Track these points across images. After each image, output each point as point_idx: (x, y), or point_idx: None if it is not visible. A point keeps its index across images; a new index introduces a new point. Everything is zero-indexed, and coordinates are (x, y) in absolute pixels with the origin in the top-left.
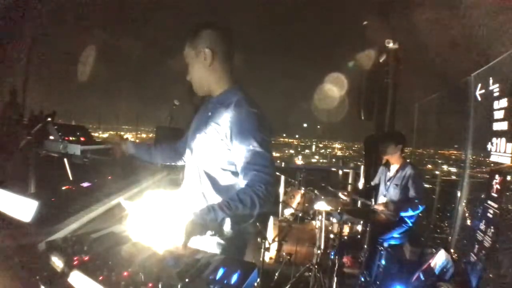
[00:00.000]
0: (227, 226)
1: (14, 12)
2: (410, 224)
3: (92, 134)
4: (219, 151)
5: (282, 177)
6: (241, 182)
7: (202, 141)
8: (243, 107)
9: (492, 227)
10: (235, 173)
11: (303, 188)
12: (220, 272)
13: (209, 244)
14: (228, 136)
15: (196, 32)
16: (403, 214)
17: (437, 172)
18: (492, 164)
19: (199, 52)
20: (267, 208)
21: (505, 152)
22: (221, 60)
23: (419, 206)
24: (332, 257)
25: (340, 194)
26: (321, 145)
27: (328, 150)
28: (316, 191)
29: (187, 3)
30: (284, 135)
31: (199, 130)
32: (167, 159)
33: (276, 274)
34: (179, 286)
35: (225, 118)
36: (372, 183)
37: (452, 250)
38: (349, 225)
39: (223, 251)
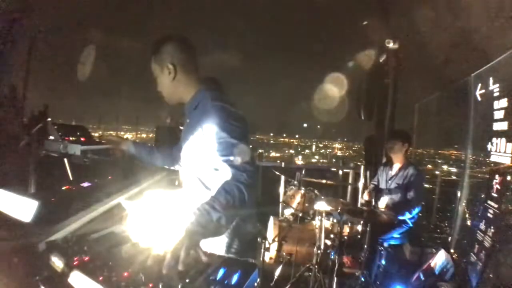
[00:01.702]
0: (226, 224)
1: (13, 12)
2: (410, 224)
3: (92, 134)
4: (202, 153)
5: (282, 177)
6: (222, 175)
7: (189, 147)
8: (207, 104)
9: (492, 227)
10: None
11: (303, 188)
12: (221, 272)
13: (210, 245)
14: (203, 135)
15: (158, 48)
16: (400, 217)
17: (437, 172)
18: (492, 164)
19: (163, 67)
20: (254, 195)
21: (505, 152)
22: (184, 70)
23: (416, 207)
24: (332, 257)
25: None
26: (321, 145)
27: (328, 150)
28: (316, 191)
29: (188, 4)
30: (284, 135)
31: (185, 137)
32: (167, 162)
33: (276, 274)
34: (179, 286)
35: (197, 119)
36: (372, 184)
37: (452, 250)
38: (349, 225)
39: (224, 251)
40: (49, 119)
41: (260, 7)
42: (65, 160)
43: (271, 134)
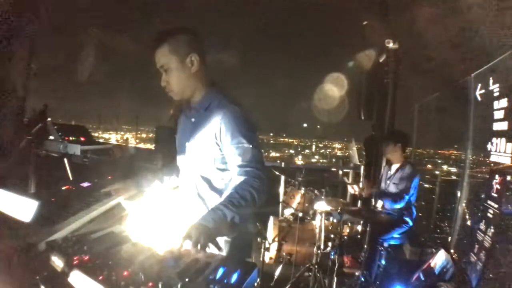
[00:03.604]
0: (239, 223)
1: (13, 12)
2: (410, 224)
3: (92, 134)
4: (210, 153)
5: (282, 177)
6: (236, 179)
7: (192, 146)
8: (226, 108)
9: (492, 227)
10: (228, 171)
11: (303, 188)
12: (220, 272)
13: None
14: (217, 137)
15: (176, 37)
16: (387, 207)
17: (437, 172)
18: (492, 164)
19: (183, 58)
20: (264, 201)
21: (505, 152)
22: (204, 64)
23: (399, 201)
24: (332, 257)
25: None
26: (321, 145)
27: (328, 150)
28: (316, 191)
29: (187, 4)
30: (284, 135)
31: (187, 137)
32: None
33: (276, 274)
34: (179, 286)
35: (211, 121)
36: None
37: (452, 250)
38: (349, 225)
39: (224, 251)
40: (49, 119)
41: (259, 7)
42: (65, 160)
43: (271, 134)
